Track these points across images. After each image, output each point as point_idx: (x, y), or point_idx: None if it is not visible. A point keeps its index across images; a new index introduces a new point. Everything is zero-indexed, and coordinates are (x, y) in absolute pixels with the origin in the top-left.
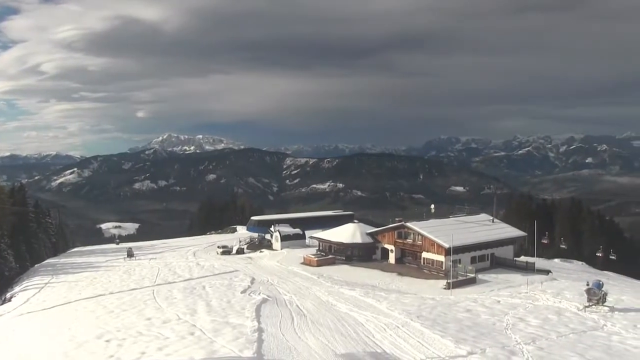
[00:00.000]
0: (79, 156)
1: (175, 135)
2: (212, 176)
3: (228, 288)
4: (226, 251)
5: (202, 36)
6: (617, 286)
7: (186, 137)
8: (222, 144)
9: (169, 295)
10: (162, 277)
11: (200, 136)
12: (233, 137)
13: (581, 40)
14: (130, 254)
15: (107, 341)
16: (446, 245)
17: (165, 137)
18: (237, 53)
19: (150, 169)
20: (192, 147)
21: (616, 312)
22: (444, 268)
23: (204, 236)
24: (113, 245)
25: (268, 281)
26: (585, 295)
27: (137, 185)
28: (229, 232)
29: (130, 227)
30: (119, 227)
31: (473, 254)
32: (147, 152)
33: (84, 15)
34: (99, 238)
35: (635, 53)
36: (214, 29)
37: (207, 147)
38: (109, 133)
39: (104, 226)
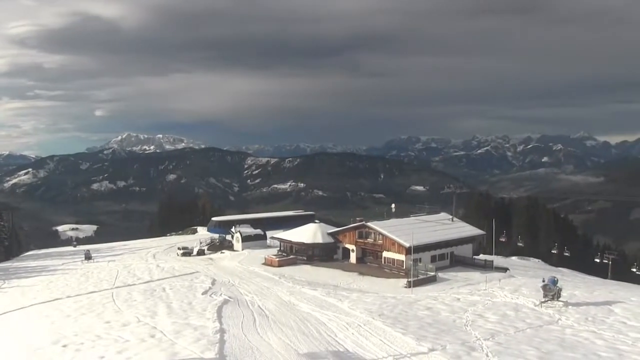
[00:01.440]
0: (33, 156)
1: (135, 134)
2: (172, 176)
3: (189, 289)
4: (187, 252)
5: (162, 34)
6: (571, 282)
7: (146, 136)
8: (183, 144)
9: (129, 298)
10: (122, 279)
11: (160, 136)
12: (194, 137)
13: (537, 43)
14: (88, 257)
15: (64, 346)
16: (407, 245)
17: (124, 136)
18: (199, 52)
19: (108, 169)
20: (152, 147)
21: (570, 307)
22: (404, 267)
23: (164, 237)
24: (70, 248)
25: (229, 282)
26: (541, 291)
27: (95, 186)
28: (189, 233)
29: (88, 229)
30: (77, 229)
31: (433, 252)
32: (105, 152)
33: (39, 11)
34: (56, 240)
35: (586, 56)
36: (175, 27)
37: (168, 147)
38: (66, 132)
39: (60, 228)
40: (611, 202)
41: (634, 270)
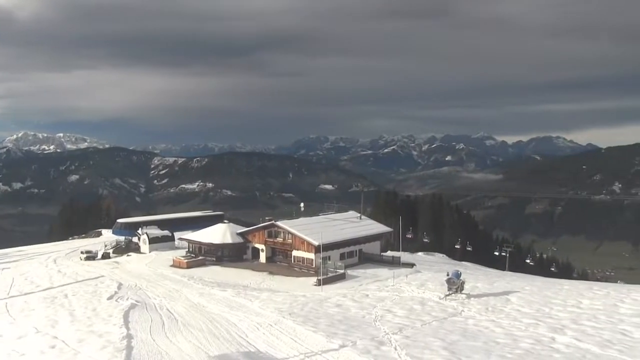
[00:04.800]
0: None
1: (33, 133)
2: (74, 177)
3: (93, 295)
4: (90, 256)
5: (63, 27)
6: (473, 275)
7: (45, 135)
8: (86, 143)
9: (26, 307)
10: (17, 288)
11: (61, 134)
12: (97, 136)
13: (442, 46)
14: None
15: None
16: (316, 243)
17: (20, 135)
18: (104, 48)
19: (2, 170)
20: (51, 147)
21: (472, 298)
22: (314, 265)
23: (65, 241)
24: None
25: (136, 286)
26: (446, 285)
27: None
28: (93, 236)
29: None
30: None
31: (342, 250)
32: None
33: None
34: None
35: (488, 60)
36: (78, 21)
37: (69, 147)
38: None
39: None
40: (508, 198)
41: (528, 261)
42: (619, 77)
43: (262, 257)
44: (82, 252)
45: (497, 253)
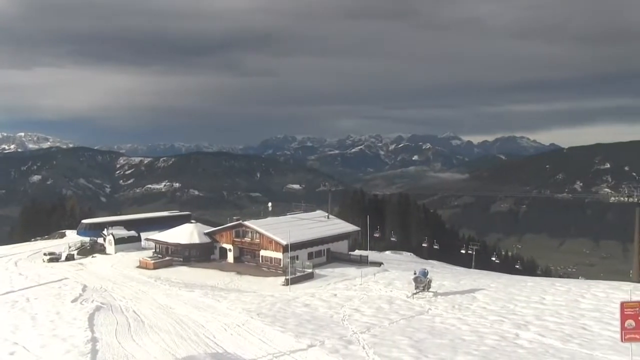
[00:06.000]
0: None
1: None
2: (36, 177)
3: (57, 298)
4: (54, 258)
5: (25, 23)
6: (440, 273)
7: (5, 134)
8: (48, 143)
9: None
10: None
11: (22, 134)
12: (61, 135)
13: (409, 46)
14: None
15: None
16: (283, 243)
17: None
18: (67, 45)
19: None
20: (12, 146)
21: (439, 296)
22: (282, 265)
23: (27, 243)
24: None
25: (102, 287)
26: (413, 283)
27: None
28: (57, 238)
29: None
30: None
31: (310, 249)
32: None
33: None
34: None
35: (455, 61)
36: (40, 17)
37: (31, 146)
38: None
39: None
40: (474, 197)
41: (494, 259)
42: (581, 79)
43: (230, 257)
44: (45, 254)
45: (463, 251)
